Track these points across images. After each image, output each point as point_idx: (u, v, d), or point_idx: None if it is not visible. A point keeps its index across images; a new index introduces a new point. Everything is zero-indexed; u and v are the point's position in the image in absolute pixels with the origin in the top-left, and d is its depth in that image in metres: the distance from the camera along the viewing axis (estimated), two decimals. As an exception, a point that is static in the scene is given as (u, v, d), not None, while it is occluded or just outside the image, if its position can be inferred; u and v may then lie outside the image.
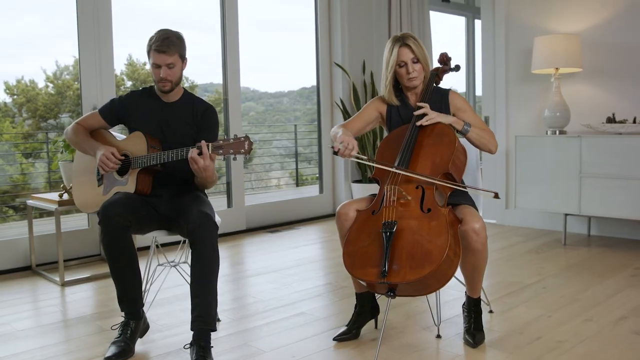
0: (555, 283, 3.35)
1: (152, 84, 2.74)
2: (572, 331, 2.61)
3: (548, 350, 2.40)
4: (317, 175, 8.31)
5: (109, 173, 2.67)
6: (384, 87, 2.62)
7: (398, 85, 2.66)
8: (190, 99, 2.73)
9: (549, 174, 4.29)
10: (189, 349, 2.33)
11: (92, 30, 4.18)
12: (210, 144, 2.34)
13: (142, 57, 7.41)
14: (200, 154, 2.33)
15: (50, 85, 6.04)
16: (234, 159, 2.35)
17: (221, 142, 2.34)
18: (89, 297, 3.35)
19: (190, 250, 3.06)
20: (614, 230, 4.54)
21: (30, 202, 3.84)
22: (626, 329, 2.62)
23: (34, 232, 3.89)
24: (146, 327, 2.61)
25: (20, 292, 3.45)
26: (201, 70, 7.89)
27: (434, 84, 2.67)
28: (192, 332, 2.34)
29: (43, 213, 5.13)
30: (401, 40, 2.52)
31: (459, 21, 7.26)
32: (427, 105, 2.52)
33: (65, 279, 3.58)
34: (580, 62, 4.33)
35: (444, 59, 2.74)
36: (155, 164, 2.51)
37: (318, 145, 5.93)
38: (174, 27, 2.64)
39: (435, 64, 2.78)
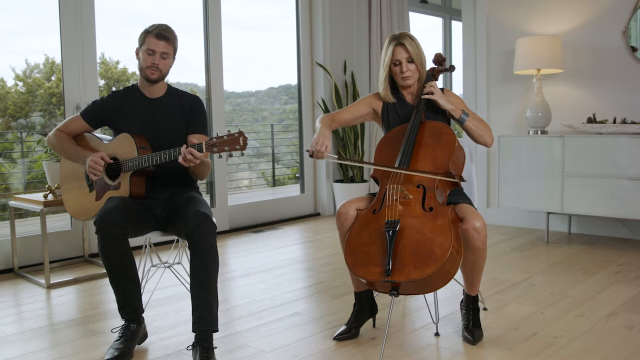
0: (543, 280, 3.42)
1: (134, 82, 2.70)
2: (566, 327, 2.66)
3: (546, 346, 2.45)
4: (288, 175, 8.31)
5: (100, 178, 2.61)
6: (380, 84, 2.64)
7: (394, 84, 2.68)
8: (175, 92, 2.71)
9: (532, 173, 4.37)
10: (191, 351, 2.30)
11: (75, 28, 4.10)
12: (204, 143, 2.30)
13: (115, 56, 7.31)
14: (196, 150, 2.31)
15: (20, 83, 5.91)
16: (230, 155, 2.32)
17: (215, 139, 2.29)
18: (76, 300, 3.28)
19: (183, 251, 3.04)
20: (594, 228, 4.65)
21: (12, 202, 3.74)
22: (618, 324, 2.68)
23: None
24: (144, 335, 2.56)
25: (4, 296, 3.36)
26: (173, 69, 7.82)
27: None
28: (192, 334, 2.31)
29: (16, 214, 5.00)
30: (397, 39, 2.55)
31: (436, 22, 7.34)
32: (435, 84, 2.58)
33: (51, 282, 3.50)
34: (561, 63, 4.41)
35: (439, 59, 2.76)
36: (147, 165, 2.47)
37: (299, 144, 5.92)
38: (147, 25, 2.63)
39: (430, 64, 2.80)
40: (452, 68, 2.78)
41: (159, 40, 2.53)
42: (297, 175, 6.54)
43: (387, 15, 5.78)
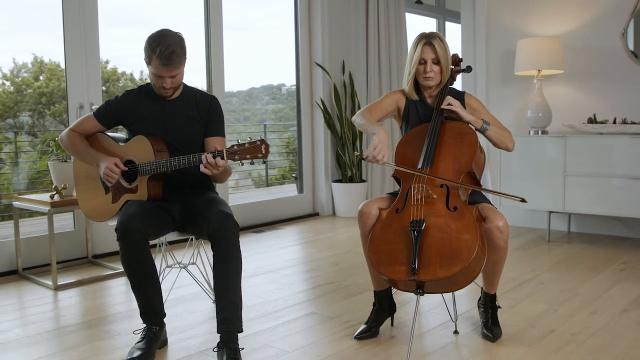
0: (551, 278, 3.46)
1: (149, 82, 2.64)
2: (581, 324, 2.70)
3: (565, 343, 2.48)
4: (275, 175, 8.29)
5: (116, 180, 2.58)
6: (406, 81, 2.65)
7: (417, 82, 2.68)
8: (192, 92, 2.66)
9: (533, 172, 4.42)
10: (216, 352, 2.28)
11: (78, 28, 4.06)
12: (225, 151, 2.28)
13: (104, 55, 7.24)
14: (215, 157, 2.29)
15: (7, 83, 5.83)
16: (251, 163, 2.30)
17: (236, 147, 2.27)
18: (86, 301, 3.24)
19: (198, 251, 3.03)
20: (593, 227, 4.72)
21: (16, 203, 3.69)
22: (631, 321, 2.73)
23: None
24: (164, 341, 2.54)
25: (9, 298, 3.31)
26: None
27: (449, 85, 2.71)
28: (210, 335, 2.30)
29: (12, 214, 4.93)
30: (427, 39, 2.55)
31: (431, 23, 7.38)
32: (451, 98, 2.56)
33: (58, 283, 3.45)
34: (561, 64, 4.47)
35: (456, 59, 2.78)
36: (166, 170, 2.44)
37: (298, 144, 5.92)
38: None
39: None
40: (469, 69, 2.81)
41: (165, 67, 2.41)
42: (294, 175, 6.53)
43: (385, 16, 5.80)
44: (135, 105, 2.61)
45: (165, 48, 2.38)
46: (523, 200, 2.31)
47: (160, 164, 2.42)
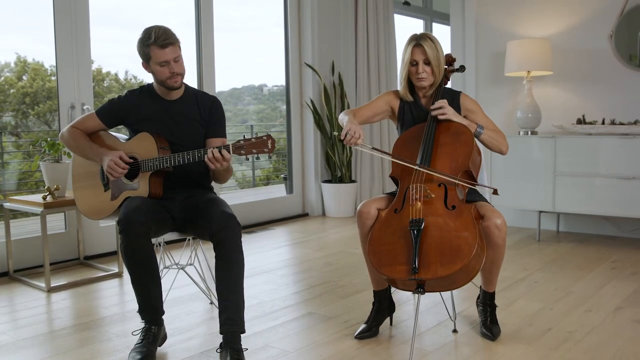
0: (544, 277, 3.50)
1: (150, 83, 2.66)
2: (577, 322, 2.73)
3: (563, 341, 2.51)
4: (260, 176, 8.28)
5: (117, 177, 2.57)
6: (399, 82, 2.67)
7: (411, 84, 2.70)
8: (193, 93, 2.68)
9: (523, 172, 4.47)
10: (219, 353, 2.27)
11: (69, 27, 4.01)
12: (231, 145, 2.30)
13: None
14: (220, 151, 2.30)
15: (-11, 82, 5.76)
16: (257, 158, 2.32)
17: (242, 142, 2.30)
18: (81, 303, 3.21)
19: (195, 252, 3.02)
20: (582, 227, 4.78)
21: (7, 204, 3.64)
22: (626, 319, 2.77)
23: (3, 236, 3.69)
24: (164, 337, 2.52)
25: (1, 300, 3.26)
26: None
27: (443, 85, 2.73)
28: (209, 336, 2.29)
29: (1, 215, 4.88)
30: (416, 40, 2.57)
31: (418, 24, 7.42)
32: (445, 101, 2.58)
33: (51, 285, 3.41)
34: (551, 65, 4.52)
35: (449, 59, 2.80)
36: (169, 165, 2.44)
37: (287, 145, 5.91)
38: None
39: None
40: (462, 68, 2.83)
41: (165, 48, 2.45)
42: (283, 176, 6.53)
43: (374, 17, 5.83)
44: (139, 105, 2.61)
45: (157, 31, 2.46)
46: (495, 192, 2.37)
47: (163, 159, 2.42)
